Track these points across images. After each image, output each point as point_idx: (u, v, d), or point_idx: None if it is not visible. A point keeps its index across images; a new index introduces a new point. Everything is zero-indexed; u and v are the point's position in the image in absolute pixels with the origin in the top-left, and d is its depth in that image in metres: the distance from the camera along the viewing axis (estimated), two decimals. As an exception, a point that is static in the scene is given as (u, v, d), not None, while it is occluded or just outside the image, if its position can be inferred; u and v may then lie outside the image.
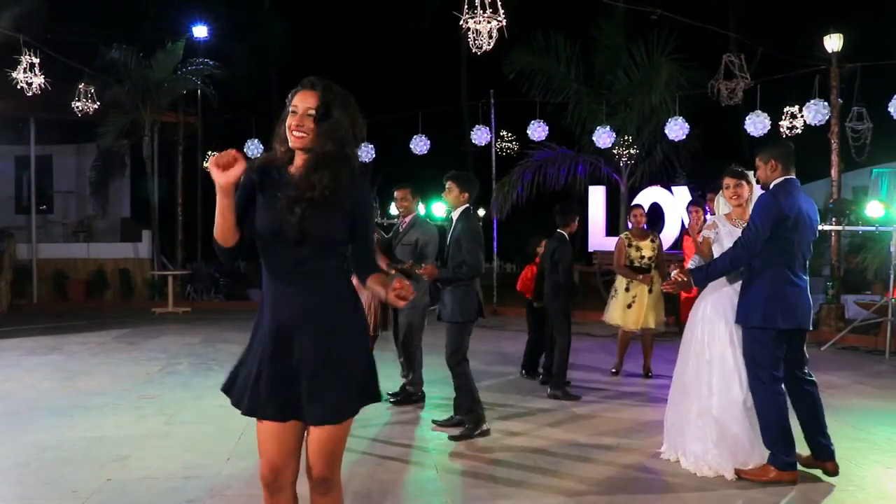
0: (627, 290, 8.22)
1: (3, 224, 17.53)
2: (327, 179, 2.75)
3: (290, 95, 2.87)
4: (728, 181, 5.17)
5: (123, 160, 18.54)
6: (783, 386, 4.77)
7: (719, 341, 5.00)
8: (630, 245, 8.23)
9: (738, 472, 4.82)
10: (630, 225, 8.44)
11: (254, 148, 16.86)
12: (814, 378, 4.97)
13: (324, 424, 2.78)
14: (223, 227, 2.74)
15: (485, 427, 5.82)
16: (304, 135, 2.78)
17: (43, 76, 12.26)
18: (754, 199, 5.15)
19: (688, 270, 4.99)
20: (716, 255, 5.10)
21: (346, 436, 2.91)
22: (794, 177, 4.86)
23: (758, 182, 5.05)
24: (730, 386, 4.91)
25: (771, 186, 4.86)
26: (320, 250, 2.79)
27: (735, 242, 4.83)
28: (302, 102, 2.81)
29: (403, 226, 7.09)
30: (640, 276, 8.12)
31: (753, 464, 4.82)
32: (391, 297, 2.73)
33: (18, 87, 12.16)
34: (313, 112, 2.79)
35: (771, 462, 4.75)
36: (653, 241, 8.28)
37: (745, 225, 5.00)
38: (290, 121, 2.80)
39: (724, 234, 5.12)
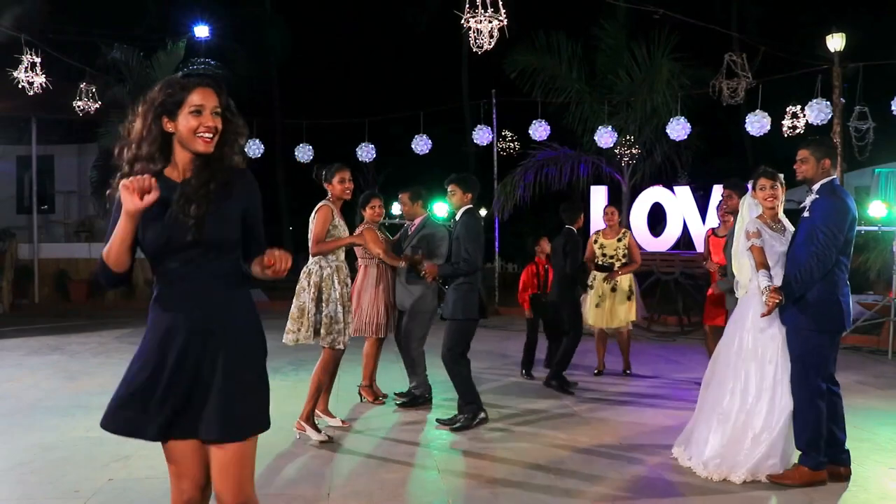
0: (591, 286, 8.29)
1: (4, 224, 17.53)
2: (219, 175, 2.60)
3: (169, 91, 2.58)
4: (764, 182, 4.98)
5: (124, 160, 18.51)
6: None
7: (772, 348, 4.87)
8: (596, 242, 8.38)
9: (770, 477, 4.75)
10: (604, 224, 8.50)
11: (255, 148, 16.84)
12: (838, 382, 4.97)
13: (224, 442, 2.56)
14: (120, 252, 2.54)
15: (482, 416, 5.90)
16: (215, 137, 2.59)
17: (44, 75, 12.25)
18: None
19: (777, 288, 4.67)
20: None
21: (253, 456, 2.67)
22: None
23: (796, 177, 4.95)
24: (781, 393, 4.81)
25: (820, 186, 4.77)
26: (215, 256, 2.60)
27: (812, 254, 4.61)
28: (206, 101, 2.57)
29: (413, 228, 7.10)
30: (604, 275, 8.22)
31: (781, 469, 4.77)
32: (263, 272, 2.57)
33: (20, 86, 12.15)
34: (219, 111, 2.60)
35: (804, 463, 4.72)
36: (619, 239, 8.31)
37: (781, 227, 4.97)
38: (193, 121, 2.55)
39: (767, 238, 4.94)
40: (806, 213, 4.80)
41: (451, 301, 6.02)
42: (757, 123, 12.55)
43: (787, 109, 13.76)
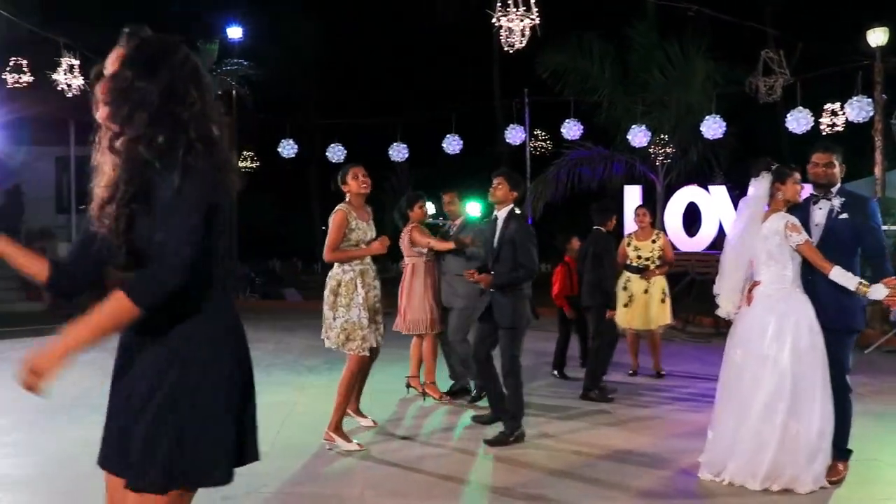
0: (625, 288, 8.18)
1: (44, 223, 17.86)
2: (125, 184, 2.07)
3: None
4: (798, 176, 4.83)
5: (159, 160, 18.74)
6: None
7: (811, 353, 4.65)
8: (629, 245, 8.28)
9: (831, 480, 4.65)
10: (636, 225, 8.43)
11: (288, 148, 16.96)
12: None
13: (127, 487, 2.13)
14: None
15: (519, 432, 5.76)
16: (104, 106, 2.13)
17: (82, 77, 12.41)
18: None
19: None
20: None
21: None
22: None
23: (822, 182, 4.88)
24: (814, 397, 4.63)
25: (840, 188, 4.86)
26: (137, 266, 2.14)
27: (882, 247, 4.75)
28: (108, 61, 2.18)
29: (454, 228, 7.15)
30: (637, 276, 8.14)
31: (810, 472, 4.59)
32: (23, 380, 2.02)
33: (59, 88, 12.33)
34: (108, 73, 2.15)
35: (842, 458, 4.73)
36: (654, 241, 8.23)
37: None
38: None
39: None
40: (844, 215, 4.75)
41: (503, 310, 5.73)
42: (802, 120, 12.37)
43: (826, 107, 13.51)
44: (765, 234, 4.77)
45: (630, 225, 14.25)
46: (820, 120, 13.31)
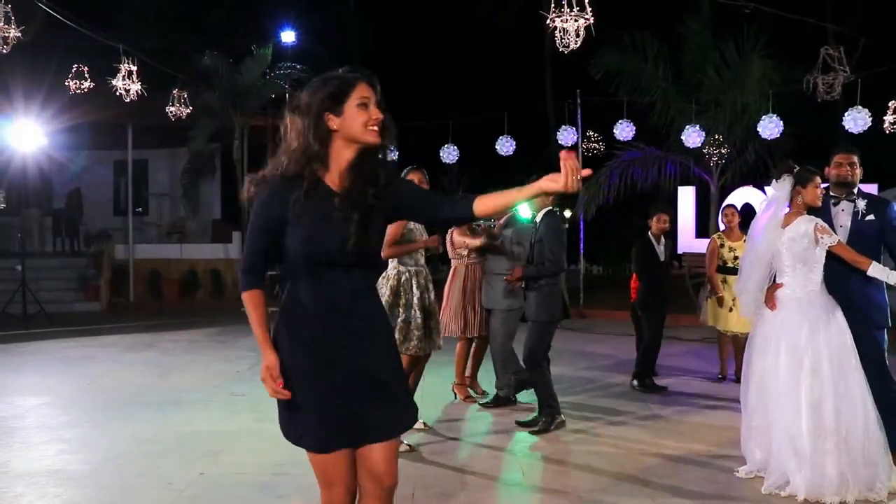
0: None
1: (102, 226, 18.32)
2: (378, 179, 2.60)
3: (333, 85, 2.58)
4: (819, 181, 4.78)
5: (213, 163, 19.07)
6: None
7: (846, 353, 4.52)
8: (722, 246, 8.03)
9: None
10: (722, 226, 8.22)
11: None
12: None
13: (393, 436, 2.70)
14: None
15: (560, 419, 5.97)
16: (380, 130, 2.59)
17: (140, 83, 12.65)
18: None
19: None
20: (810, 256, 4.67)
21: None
22: None
23: (848, 181, 4.84)
24: (856, 398, 4.47)
25: (859, 190, 4.88)
26: (361, 263, 2.59)
27: None
28: (371, 95, 2.59)
29: (497, 227, 7.15)
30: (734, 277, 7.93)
31: (876, 477, 4.44)
32: (567, 179, 2.58)
33: (117, 93, 12.58)
34: (380, 106, 2.61)
35: None
36: (746, 241, 8.03)
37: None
38: (363, 116, 2.55)
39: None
40: (870, 217, 4.73)
41: (533, 303, 6.01)
42: (861, 120, 12.01)
43: (890, 105, 13.09)
44: (791, 237, 4.69)
45: (685, 226, 14.12)
46: (884, 118, 12.88)
